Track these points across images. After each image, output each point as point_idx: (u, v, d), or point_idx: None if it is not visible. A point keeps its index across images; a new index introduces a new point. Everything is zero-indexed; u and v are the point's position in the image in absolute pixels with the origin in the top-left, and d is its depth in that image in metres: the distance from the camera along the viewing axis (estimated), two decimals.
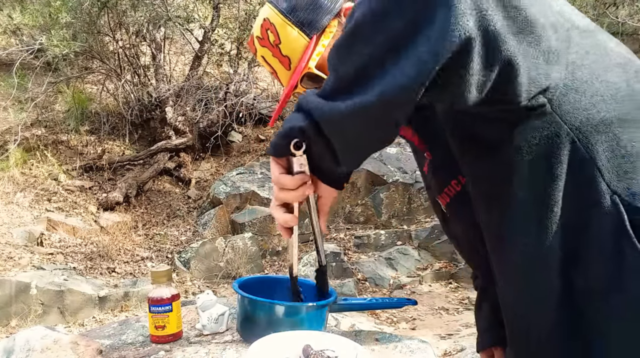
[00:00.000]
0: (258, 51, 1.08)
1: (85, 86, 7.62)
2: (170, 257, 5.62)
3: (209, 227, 5.93)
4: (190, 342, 1.18)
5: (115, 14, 6.93)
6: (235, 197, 6.04)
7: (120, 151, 7.08)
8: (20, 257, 5.15)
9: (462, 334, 4.17)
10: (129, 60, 7.22)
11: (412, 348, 1.11)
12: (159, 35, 7.22)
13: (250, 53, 7.19)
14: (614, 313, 0.74)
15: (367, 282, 5.32)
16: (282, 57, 1.04)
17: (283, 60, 1.04)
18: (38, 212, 5.93)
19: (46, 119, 7.18)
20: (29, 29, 7.08)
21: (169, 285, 1.20)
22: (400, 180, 6.28)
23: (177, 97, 7.12)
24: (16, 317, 4.52)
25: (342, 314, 3.77)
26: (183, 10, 6.86)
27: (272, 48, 1.04)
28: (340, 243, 5.81)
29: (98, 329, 1.35)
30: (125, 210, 6.33)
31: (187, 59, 7.86)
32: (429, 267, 5.57)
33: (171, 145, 6.89)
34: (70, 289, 4.66)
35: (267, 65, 1.09)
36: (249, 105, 7.00)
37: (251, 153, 7.14)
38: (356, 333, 1.20)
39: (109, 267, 5.39)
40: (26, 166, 6.52)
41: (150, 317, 1.18)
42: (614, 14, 6.43)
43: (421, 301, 4.90)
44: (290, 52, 1.03)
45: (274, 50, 1.04)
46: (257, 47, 1.07)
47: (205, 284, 5.18)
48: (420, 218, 6.16)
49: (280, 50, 1.03)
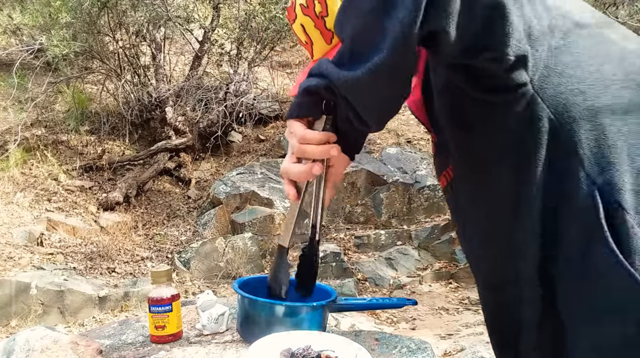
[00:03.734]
0: (298, 18, 1.04)
1: (85, 86, 7.62)
2: (170, 257, 5.62)
3: (209, 227, 5.93)
4: (190, 342, 1.18)
5: (115, 14, 6.93)
6: (235, 197, 6.04)
7: (120, 151, 7.08)
8: (20, 257, 5.15)
9: (462, 334, 4.17)
10: (129, 60, 7.22)
11: (412, 348, 1.11)
12: (159, 35, 7.22)
13: (250, 53, 7.19)
14: (583, 301, 0.73)
15: (367, 282, 5.32)
16: (326, 31, 1.00)
17: (325, 33, 1.01)
18: (38, 212, 5.93)
19: (46, 119, 7.18)
20: (29, 29, 7.08)
21: (169, 285, 1.21)
22: (400, 180, 6.28)
23: (177, 97, 7.12)
24: (16, 317, 4.52)
25: (342, 314, 3.77)
26: (183, 10, 6.86)
27: (316, 19, 1.00)
28: (340, 243, 5.81)
29: (98, 329, 1.35)
30: (125, 210, 6.33)
31: (187, 59, 7.86)
32: (429, 267, 5.57)
33: (171, 145, 6.89)
34: (70, 289, 4.67)
35: (303, 34, 1.05)
36: (249, 105, 7.00)
37: (251, 153, 7.14)
38: (356, 333, 1.20)
39: (109, 267, 5.39)
40: (26, 166, 6.52)
41: (150, 317, 1.18)
42: (614, 14, 6.43)
43: (421, 301, 4.90)
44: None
45: (318, 21, 1.01)
46: (297, 14, 1.03)
47: (205, 284, 5.18)
48: (420, 218, 6.16)
49: (325, 23, 1.00)
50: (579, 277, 0.73)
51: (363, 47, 0.70)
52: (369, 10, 0.69)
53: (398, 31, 0.66)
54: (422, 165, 6.46)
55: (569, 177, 0.72)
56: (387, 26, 0.67)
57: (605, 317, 0.72)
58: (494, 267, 0.86)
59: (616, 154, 0.71)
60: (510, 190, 0.78)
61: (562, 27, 0.75)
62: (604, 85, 0.74)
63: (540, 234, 0.76)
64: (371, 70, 0.69)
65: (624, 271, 0.68)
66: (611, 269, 0.69)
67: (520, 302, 0.81)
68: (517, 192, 0.77)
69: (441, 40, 0.68)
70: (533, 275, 0.78)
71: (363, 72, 0.70)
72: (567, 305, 0.75)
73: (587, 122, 0.72)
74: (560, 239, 0.74)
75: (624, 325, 0.70)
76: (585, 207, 0.71)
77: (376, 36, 0.68)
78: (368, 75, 0.70)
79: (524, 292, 0.80)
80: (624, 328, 0.70)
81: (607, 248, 0.69)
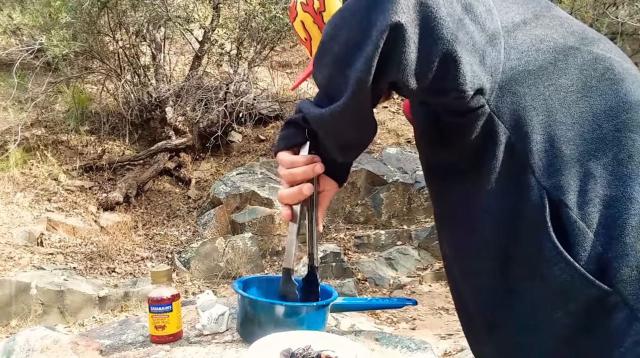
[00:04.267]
0: (299, 16, 1.11)
1: (85, 86, 7.62)
2: (170, 257, 5.62)
3: (209, 227, 5.93)
4: (190, 342, 1.18)
5: (115, 14, 6.93)
6: (235, 197, 6.04)
7: (120, 151, 7.08)
8: (20, 257, 5.15)
9: (462, 334, 4.17)
10: (129, 60, 7.22)
11: (412, 348, 1.11)
12: (159, 35, 7.22)
13: (250, 53, 7.19)
14: (536, 301, 0.80)
15: (367, 282, 5.32)
16: (324, 25, 1.06)
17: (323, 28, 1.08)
18: (38, 212, 5.94)
19: (46, 119, 7.18)
20: (29, 29, 7.08)
21: (169, 285, 1.20)
22: (400, 180, 6.28)
23: (177, 97, 7.12)
24: (16, 317, 4.52)
25: (342, 314, 3.77)
26: (183, 10, 6.86)
27: (314, 15, 1.08)
28: (340, 243, 5.81)
29: (98, 329, 1.35)
30: (125, 210, 6.33)
31: (187, 59, 7.86)
32: (429, 267, 5.57)
33: (171, 145, 6.90)
34: (70, 289, 4.67)
35: (303, 31, 1.12)
36: (249, 105, 7.00)
37: (251, 153, 7.14)
38: (356, 333, 1.20)
39: (109, 267, 5.39)
40: (26, 166, 6.52)
41: (150, 317, 1.18)
42: (613, 14, 6.42)
43: (421, 301, 4.90)
44: None
45: (316, 17, 1.08)
46: (298, 12, 1.11)
47: (205, 284, 5.18)
48: (420, 218, 6.16)
49: (323, 18, 1.07)
50: (533, 271, 0.79)
51: (333, 91, 0.78)
52: (333, 61, 0.77)
53: (355, 81, 0.74)
54: None
55: (522, 184, 0.79)
56: (349, 75, 0.74)
57: (553, 308, 0.78)
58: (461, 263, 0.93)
59: (563, 161, 0.78)
60: (467, 200, 0.85)
61: (519, 46, 0.80)
62: (558, 99, 0.79)
63: (499, 237, 0.82)
64: (333, 111, 0.78)
65: (563, 262, 0.76)
66: (554, 260, 0.76)
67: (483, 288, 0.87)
68: (474, 202, 0.84)
69: (402, 87, 0.75)
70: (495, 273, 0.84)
71: (326, 111, 0.79)
72: (523, 297, 0.82)
73: (537, 134, 0.79)
74: (518, 240, 0.80)
75: (566, 314, 0.77)
76: (535, 207, 0.78)
77: (342, 83, 0.76)
78: (329, 115, 0.79)
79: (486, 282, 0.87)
80: (566, 318, 0.78)
81: (550, 242, 0.76)
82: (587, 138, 0.79)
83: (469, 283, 0.90)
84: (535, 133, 0.78)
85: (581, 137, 0.78)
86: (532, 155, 0.78)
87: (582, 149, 0.78)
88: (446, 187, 0.90)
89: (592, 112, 0.79)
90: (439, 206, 0.95)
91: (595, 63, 0.81)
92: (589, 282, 0.75)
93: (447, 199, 0.91)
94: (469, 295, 0.92)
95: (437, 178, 0.93)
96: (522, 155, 0.79)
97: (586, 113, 0.79)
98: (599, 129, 0.79)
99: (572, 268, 0.75)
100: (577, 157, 0.78)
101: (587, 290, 0.75)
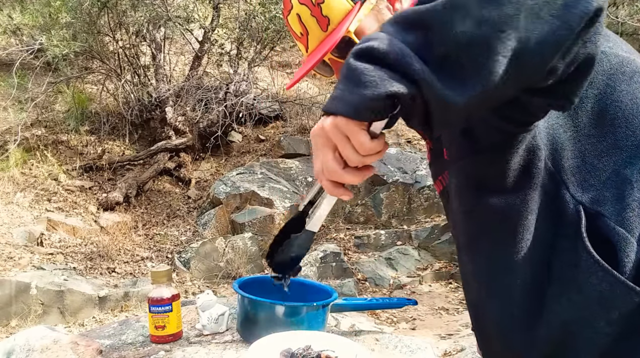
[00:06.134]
0: (294, 8, 1.03)
1: (85, 86, 7.62)
2: (170, 257, 5.62)
3: (209, 227, 5.93)
4: (190, 342, 1.18)
5: (115, 14, 6.93)
6: (235, 197, 6.04)
7: (120, 151, 7.08)
8: (20, 257, 5.15)
9: (462, 334, 4.17)
10: (129, 60, 7.22)
11: (412, 348, 1.11)
12: (159, 35, 7.22)
13: (250, 53, 7.19)
14: (572, 314, 0.78)
15: (367, 282, 5.32)
16: (322, 17, 1.00)
17: (322, 20, 1.01)
18: (38, 212, 5.93)
19: (46, 119, 7.18)
20: (29, 29, 7.08)
21: (169, 285, 1.21)
22: (400, 180, 6.28)
23: (177, 97, 7.12)
24: (16, 317, 4.52)
25: (342, 314, 3.77)
26: (183, 10, 6.86)
27: (312, 6, 1.01)
28: (340, 243, 5.81)
29: (98, 329, 1.35)
30: (125, 210, 6.33)
31: (187, 59, 7.86)
32: (429, 267, 5.57)
33: (171, 145, 6.90)
34: (70, 289, 4.66)
35: (299, 25, 1.04)
36: (249, 105, 7.00)
37: (251, 153, 7.14)
38: (356, 333, 1.20)
39: (109, 267, 5.39)
40: (26, 166, 6.52)
41: (150, 317, 1.18)
42: (614, 14, 6.42)
43: (421, 301, 4.90)
44: (330, 13, 1.00)
45: (314, 9, 1.01)
46: (293, 4, 1.03)
47: (205, 284, 5.18)
48: (420, 218, 6.16)
49: (321, 10, 1.00)
50: (568, 285, 0.78)
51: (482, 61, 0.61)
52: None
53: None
54: (422, 165, 6.46)
55: (557, 199, 0.79)
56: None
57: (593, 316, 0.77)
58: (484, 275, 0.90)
59: (596, 174, 0.78)
60: (503, 215, 0.83)
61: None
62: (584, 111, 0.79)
63: (536, 254, 0.81)
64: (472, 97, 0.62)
65: (601, 270, 0.74)
66: (591, 269, 0.75)
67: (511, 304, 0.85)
68: (515, 210, 0.82)
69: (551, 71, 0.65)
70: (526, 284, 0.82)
71: (466, 97, 0.63)
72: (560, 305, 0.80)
73: (568, 150, 0.79)
74: (555, 255, 0.80)
75: (608, 323, 0.76)
76: (571, 221, 0.78)
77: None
78: (466, 102, 0.63)
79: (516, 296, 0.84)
80: (607, 327, 0.76)
81: (585, 251, 0.75)
82: (621, 146, 0.78)
83: (494, 303, 0.87)
84: (565, 149, 0.79)
85: (614, 146, 0.78)
86: (564, 172, 0.79)
87: (616, 158, 0.78)
88: (480, 205, 0.86)
89: (625, 117, 0.78)
90: (468, 224, 0.91)
91: (623, 66, 0.80)
92: (629, 289, 0.74)
93: (481, 216, 0.87)
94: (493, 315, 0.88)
95: (470, 196, 0.89)
96: (555, 172, 0.79)
97: (618, 119, 0.78)
98: (632, 136, 0.78)
99: (611, 276, 0.74)
100: (612, 166, 0.78)
101: (628, 297, 0.74)
